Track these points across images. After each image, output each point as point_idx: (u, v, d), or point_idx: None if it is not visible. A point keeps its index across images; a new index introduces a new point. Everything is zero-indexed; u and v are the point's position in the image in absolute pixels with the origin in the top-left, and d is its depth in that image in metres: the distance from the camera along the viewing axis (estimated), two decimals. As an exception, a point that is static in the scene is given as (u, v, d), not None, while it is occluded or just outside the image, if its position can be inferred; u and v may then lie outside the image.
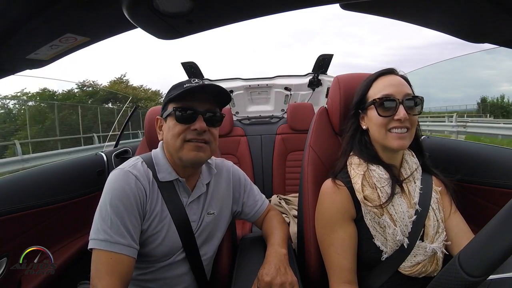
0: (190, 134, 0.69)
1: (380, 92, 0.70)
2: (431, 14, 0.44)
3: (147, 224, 0.69)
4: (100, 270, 0.61)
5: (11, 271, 0.91)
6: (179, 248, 0.75)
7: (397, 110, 0.67)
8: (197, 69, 2.51)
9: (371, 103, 0.71)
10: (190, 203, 0.76)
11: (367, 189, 0.69)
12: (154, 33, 0.40)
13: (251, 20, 0.38)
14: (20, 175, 1.16)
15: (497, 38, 0.47)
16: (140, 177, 0.68)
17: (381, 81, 0.72)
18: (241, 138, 2.10)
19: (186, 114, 0.69)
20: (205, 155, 0.71)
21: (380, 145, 0.73)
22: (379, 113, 0.69)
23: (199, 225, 0.78)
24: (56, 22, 0.39)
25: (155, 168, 0.73)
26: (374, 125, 0.71)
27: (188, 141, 0.70)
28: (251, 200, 0.90)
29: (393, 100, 0.68)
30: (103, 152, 1.57)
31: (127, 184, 0.66)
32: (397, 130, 0.68)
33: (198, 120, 0.70)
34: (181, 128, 0.70)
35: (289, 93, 2.63)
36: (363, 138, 0.76)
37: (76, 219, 1.20)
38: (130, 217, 0.65)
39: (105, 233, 0.62)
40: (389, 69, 0.74)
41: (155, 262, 0.73)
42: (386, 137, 0.69)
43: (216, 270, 0.88)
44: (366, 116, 0.74)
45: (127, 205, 0.64)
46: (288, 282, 0.67)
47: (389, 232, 0.67)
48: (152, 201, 0.70)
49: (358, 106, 0.76)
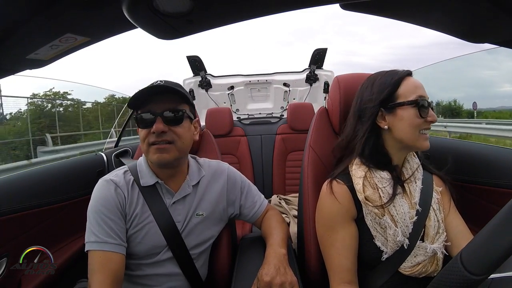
0: (152, 137, 0.72)
1: (414, 93, 0.69)
2: (431, 14, 0.44)
3: (128, 224, 0.75)
4: (93, 268, 0.68)
5: (11, 271, 0.91)
6: (163, 247, 0.76)
7: (428, 112, 0.68)
8: (201, 63, 2.54)
9: (411, 102, 0.68)
10: (173, 204, 0.78)
11: (368, 189, 0.69)
12: (154, 33, 0.40)
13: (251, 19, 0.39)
14: (20, 175, 1.16)
15: (497, 38, 0.47)
16: (119, 184, 0.75)
17: (410, 81, 0.71)
18: (241, 138, 2.10)
19: (144, 118, 0.72)
20: (169, 156, 0.72)
21: (402, 145, 0.71)
22: (421, 114, 0.67)
23: (185, 225, 0.79)
24: (56, 22, 0.39)
25: (138, 175, 0.78)
26: (408, 125, 0.68)
27: (152, 144, 0.72)
28: (249, 202, 0.90)
29: (427, 101, 0.68)
30: (103, 152, 1.57)
31: (108, 191, 0.73)
32: (426, 131, 0.69)
33: (156, 122, 0.71)
34: (144, 133, 0.73)
35: (287, 89, 2.65)
36: (378, 141, 0.72)
37: (76, 219, 1.20)
38: (115, 219, 0.72)
39: (94, 236, 0.70)
40: (410, 70, 0.73)
41: (141, 260, 0.76)
42: (418, 138, 0.68)
43: (215, 270, 0.88)
44: (393, 115, 0.70)
45: (109, 209, 0.72)
46: (287, 282, 0.67)
47: (390, 233, 0.67)
48: (131, 204, 0.75)
49: (383, 104, 0.71)
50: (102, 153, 1.56)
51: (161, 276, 0.77)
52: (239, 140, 2.09)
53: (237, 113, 2.72)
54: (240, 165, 2.03)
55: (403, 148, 0.72)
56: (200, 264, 0.83)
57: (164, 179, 0.78)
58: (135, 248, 0.75)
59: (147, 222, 0.75)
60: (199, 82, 2.62)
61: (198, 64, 2.54)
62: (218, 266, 0.88)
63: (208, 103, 2.67)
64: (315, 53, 2.48)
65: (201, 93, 2.67)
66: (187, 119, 0.77)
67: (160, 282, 0.77)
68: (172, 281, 0.78)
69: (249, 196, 0.90)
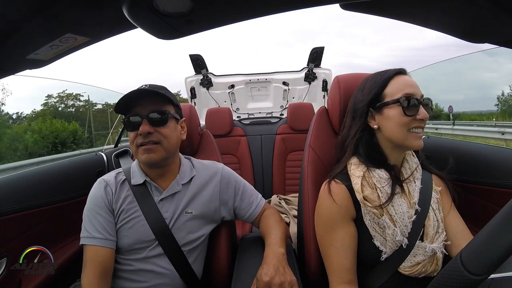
0: (139, 139, 0.76)
1: (401, 91, 0.68)
2: (431, 14, 0.44)
3: (116, 219, 0.80)
4: (84, 261, 0.75)
5: (11, 271, 0.91)
6: (151, 241, 0.79)
7: (418, 110, 0.67)
8: (202, 62, 2.55)
9: (395, 101, 0.68)
10: (161, 200, 0.81)
11: (367, 189, 0.69)
12: (154, 33, 0.40)
13: (252, 19, 0.38)
14: (20, 175, 1.16)
15: (497, 38, 0.47)
16: (109, 182, 0.81)
17: (399, 80, 0.71)
18: (241, 138, 2.10)
19: (131, 121, 0.76)
20: (156, 156, 0.76)
21: (393, 145, 0.71)
22: (405, 113, 0.67)
23: (173, 222, 0.80)
24: (56, 22, 0.39)
25: (130, 175, 0.83)
26: (395, 124, 0.69)
27: (140, 145, 0.76)
28: (245, 203, 0.90)
29: (416, 99, 0.68)
30: (103, 152, 1.57)
31: (99, 190, 0.80)
32: (417, 130, 0.68)
33: (142, 124, 0.74)
34: (133, 135, 0.77)
35: (287, 88, 2.66)
36: (371, 140, 0.73)
37: (76, 219, 1.19)
38: (103, 214, 0.78)
39: (86, 232, 0.76)
40: (401, 68, 0.73)
41: (130, 255, 0.79)
42: (407, 137, 0.68)
43: (215, 270, 0.88)
44: (381, 114, 0.71)
45: (99, 205, 0.78)
46: (287, 281, 0.67)
47: (389, 233, 0.67)
48: (118, 199, 0.80)
49: (372, 104, 0.72)
50: (102, 153, 1.56)
51: (152, 273, 0.78)
52: (239, 140, 2.09)
53: (237, 112, 2.73)
54: (240, 165, 2.04)
55: (396, 147, 0.72)
56: (194, 261, 0.83)
57: (154, 178, 0.82)
58: (121, 240, 0.78)
59: (134, 217, 0.79)
60: (200, 80, 2.63)
61: (200, 62, 2.55)
62: (217, 266, 0.88)
63: (209, 102, 2.68)
64: (313, 52, 2.50)
65: (202, 91, 2.68)
66: (172, 120, 0.80)
67: (151, 278, 0.78)
68: (165, 278, 0.79)
69: (244, 197, 0.90)
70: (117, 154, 1.58)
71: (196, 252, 0.84)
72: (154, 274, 0.78)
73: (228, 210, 0.89)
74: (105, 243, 0.75)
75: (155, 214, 0.79)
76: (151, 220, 0.79)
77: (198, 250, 0.85)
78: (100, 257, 0.74)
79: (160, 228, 0.79)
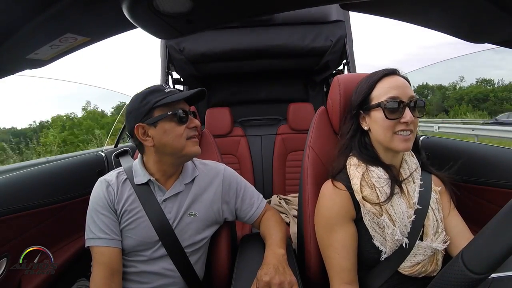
0: (192, 132, 0.79)
1: (386, 94, 0.69)
2: (430, 14, 0.44)
3: (119, 219, 0.80)
4: (93, 262, 0.75)
5: (11, 271, 0.91)
6: (154, 242, 0.79)
7: (403, 113, 0.67)
8: None
9: (377, 105, 0.69)
10: (164, 201, 0.81)
11: (366, 189, 0.69)
12: (154, 33, 0.40)
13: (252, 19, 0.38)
14: (20, 175, 1.16)
15: (497, 38, 0.47)
16: (111, 182, 0.81)
17: (386, 82, 0.71)
18: (241, 138, 2.09)
19: (184, 116, 0.78)
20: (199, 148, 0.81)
21: (383, 146, 0.72)
22: (387, 116, 0.67)
23: (177, 223, 0.80)
24: (56, 22, 0.39)
25: (133, 174, 0.82)
26: (379, 127, 0.70)
27: (189, 138, 0.79)
28: (246, 204, 0.90)
29: (400, 102, 0.67)
30: (103, 152, 1.57)
31: (101, 190, 0.79)
32: (403, 133, 0.67)
33: (191, 119, 0.79)
34: (181, 128, 0.77)
35: None
36: (363, 139, 0.75)
37: (76, 219, 1.20)
38: (107, 214, 0.77)
39: (91, 233, 0.76)
40: (392, 69, 0.73)
41: (134, 256, 0.79)
42: (392, 140, 0.68)
43: (215, 270, 0.88)
44: (369, 117, 0.73)
45: (102, 206, 0.78)
46: (287, 281, 0.67)
47: (388, 232, 0.67)
48: (120, 200, 0.80)
49: (361, 106, 0.74)
50: (102, 153, 1.56)
51: (155, 274, 0.78)
52: (239, 140, 2.09)
53: None
54: (240, 165, 2.03)
55: (386, 148, 0.72)
56: (196, 262, 0.83)
57: (158, 178, 0.82)
58: (125, 241, 0.78)
59: (138, 217, 0.79)
60: None
61: None
62: (217, 266, 0.88)
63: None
64: None
65: None
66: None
67: (155, 279, 0.78)
68: (168, 279, 0.79)
69: (245, 198, 0.90)
70: (117, 154, 1.58)
71: (199, 253, 0.84)
72: (158, 276, 0.78)
73: (230, 211, 0.89)
74: (110, 243, 0.75)
75: (158, 215, 0.79)
76: (154, 221, 0.78)
77: (200, 251, 0.85)
78: (106, 257, 0.74)
79: (163, 229, 0.78)
